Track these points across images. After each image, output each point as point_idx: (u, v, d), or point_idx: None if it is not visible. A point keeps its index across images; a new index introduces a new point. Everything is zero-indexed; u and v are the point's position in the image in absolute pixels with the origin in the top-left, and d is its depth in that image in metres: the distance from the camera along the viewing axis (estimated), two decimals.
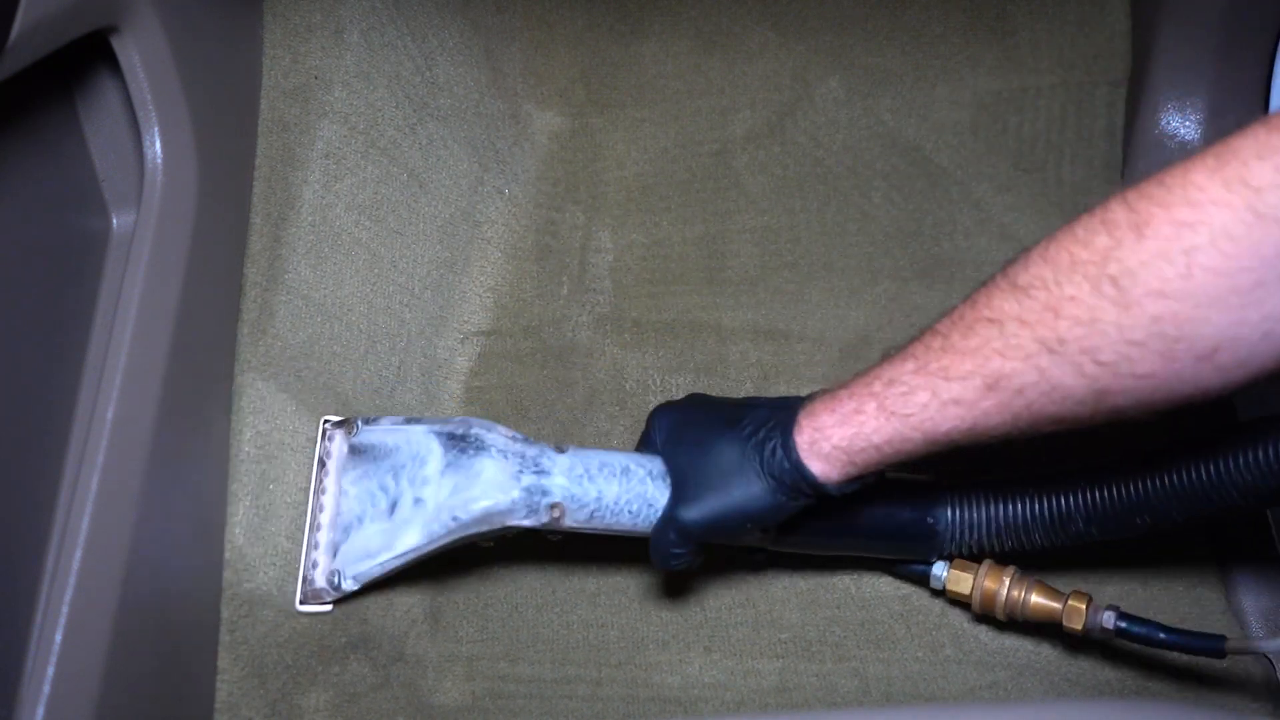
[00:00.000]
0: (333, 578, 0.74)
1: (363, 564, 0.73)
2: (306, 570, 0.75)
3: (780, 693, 0.77)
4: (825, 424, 0.60)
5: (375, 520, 0.73)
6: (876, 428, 0.58)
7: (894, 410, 0.57)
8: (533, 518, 0.67)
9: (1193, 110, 0.93)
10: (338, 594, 0.74)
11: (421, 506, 0.70)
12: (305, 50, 0.84)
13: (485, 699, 0.79)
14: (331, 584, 0.74)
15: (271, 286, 0.80)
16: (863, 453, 0.59)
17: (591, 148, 1.01)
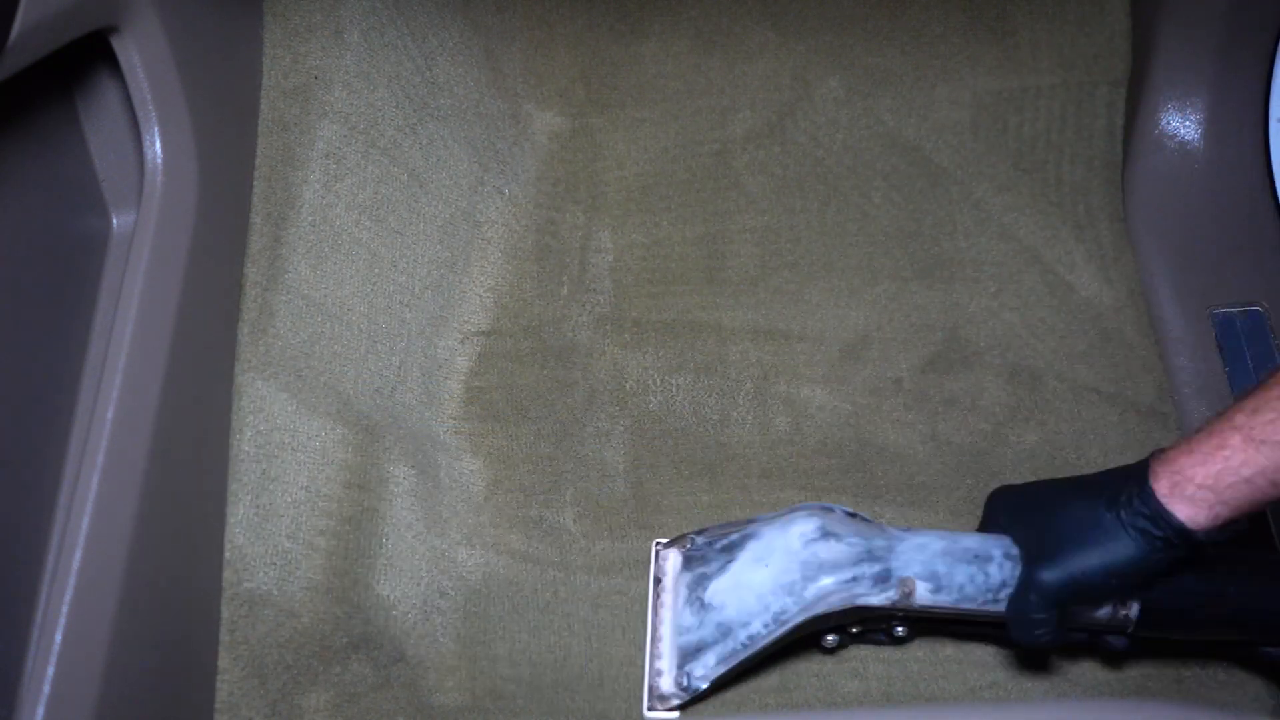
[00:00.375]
0: (680, 679, 0.74)
1: (708, 661, 0.73)
2: (651, 680, 0.75)
3: (780, 693, 0.77)
4: (1184, 465, 0.59)
5: (717, 628, 0.72)
6: (1245, 460, 0.57)
7: (1263, 438, 0.56)
8: (881, 594, 0.67)
9: (1193, 110, 0.93)
10: (688, 695, 0.74)
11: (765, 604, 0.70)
12: (305, 50, 0.84)
13: (486, 699, 0.79)
14: (680, 685, 0.74)
15: (271, 286, 0.80)
16: (1231, 489, 0.57)
17: (591, 148, 1.01)
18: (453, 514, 0.85)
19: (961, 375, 0.89)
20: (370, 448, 0.81)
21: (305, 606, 0.75)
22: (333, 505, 0.78)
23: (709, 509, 0.85)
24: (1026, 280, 0.92)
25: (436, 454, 0.86)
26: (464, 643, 0.81)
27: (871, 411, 0.88)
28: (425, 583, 0.81)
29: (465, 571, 0.83)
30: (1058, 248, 0.93)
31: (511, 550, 0.84)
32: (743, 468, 0.86)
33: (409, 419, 0.85)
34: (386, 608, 0.79)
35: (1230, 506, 0.58)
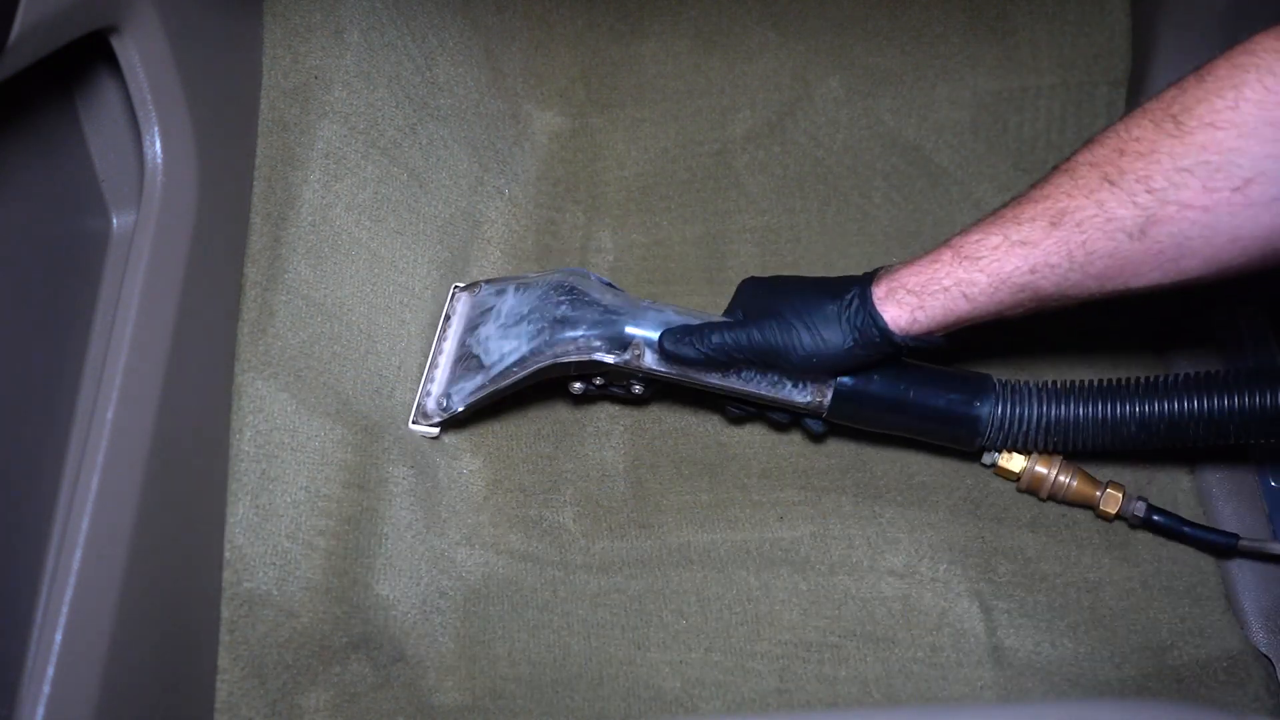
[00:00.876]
0: (441, 400, 0.83)
1: (467, 388, 0.81)
2: (420, 399, 0.84)
3: (780, 693, 0.77)
4: (901, 274, 0.67)
5: (486, 359, 0.81)
6: (948, 271, 0.65)
7: (967, 254, 0.64)
8: (613, 354, 0.76)
9: None
10: (445, 414, 0.82)
11: (516, 345, 0.79)
12: (305, 50, 0.84)
13: (485, 699, 0.79)
14: (440, 406, 0.83)
15: (271, 286, 0.80)
16: (931, 296, 0.66)
17: (591, 148, 1.01)
18: (452, 514, 0.85)
19: None
20: (370, 448, 0.81)
21: (305, 606, 0.75)
22: (332, 505, 0.78)
23: (709, 509, 0.85)
24: None
25: (436, 454, 0.86)
26: (464, 642, 0.81)
27: None
28: (425, 583, 0.81)
29: (465, 571, 0.83)
30: None
31: (511, 550, 0.84)
32: (743, 468, 0.86)
33: (408, 419, 0.85)
34: (386, 608, 0.79)
35: (928, 313, 0.66)
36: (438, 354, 0.85)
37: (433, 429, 0.84)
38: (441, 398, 0.83)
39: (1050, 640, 0.78)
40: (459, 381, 0.83)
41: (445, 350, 0.85)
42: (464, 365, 0.83)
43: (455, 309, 0.87)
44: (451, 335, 0.86)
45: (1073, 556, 0.80)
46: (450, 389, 0.83)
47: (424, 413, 0.84)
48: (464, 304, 0.87)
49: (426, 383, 0.85)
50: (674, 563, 0.82)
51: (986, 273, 0.63)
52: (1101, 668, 0.76)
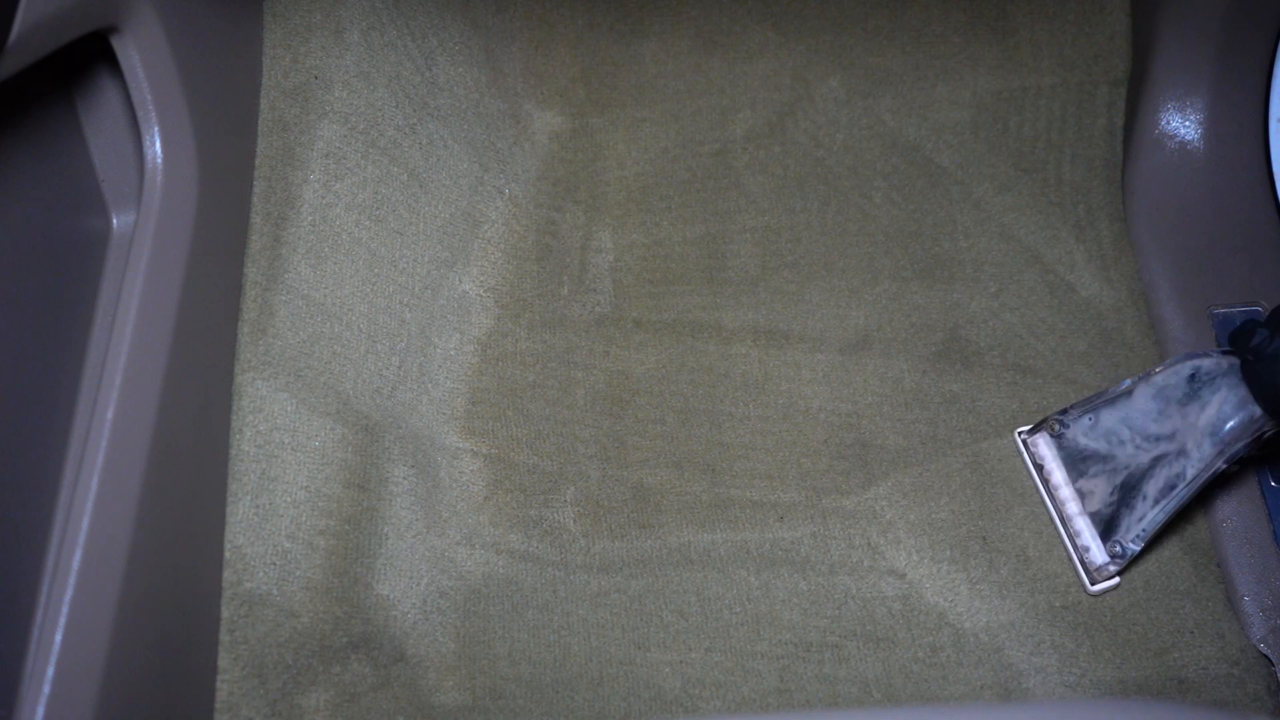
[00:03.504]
0: (1113, 548, 0.78)
1: (1138, 524, 0.77)
2: (1080, 557, 0.80)
3: (780, 693, 0.77)
4: None
5: (1132, 490, 0.77)
6: None
7: None
8: None
9: (1193, 110, 0.93)
10: (1125, 560, 0.78)
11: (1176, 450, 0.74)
12: (305, 50, 0.84)
13: (486, 699, 0.79)
14: (1114, 555, 0.78)
15: (271, 286, 0.80)
16: None
17: (591, 148, 1.01)
18: (453, 514, 0.85)
19: (961, 375, 0.89)
20: (370, 448, 0.81)
21: (305, 606, 0.75)
22: (333, 505, 0.78)
23: (709, 509, 0.85)
24: (1026, 280, 0.92)
25: (436, 454, 0.86)
26: (464, 642, 0.81)
27: (871, 411, 0.88)
28: (425, 583, 0.81)
29: (465, 571, 0.83)
30: (1058, 248, 0.93)
31: (511, 550, 0.84)
32: (743, 468, 0.86)
33: (409, 419, 0.85)
34: (386, 607, 0.79)
35: None
36: (1060, 507, 0.82)
37: (1113, 580, 0.80)
38: (1113, 545, 0.78)
39: (1050, 640, 0.78)
40: (1119, 518, 0.78)
41: (1064, 498, 0.81)
42: (1109, 507, 0.79)
43: (1043, 455, 0.83)
44: (1061, 482, 0.82)
45: None
46: (1117, 532, 0.78)
47: (1097, 569, 0.79)
48: (1046, 446, 0.83)
49: (1073, 539, 0.81)
50: (674, 563, 0.82)
51: None
52: (1101, 668, 0.76)
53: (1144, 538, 0.77)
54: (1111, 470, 0.79)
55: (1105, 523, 0.79)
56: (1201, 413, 0.73)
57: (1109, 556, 0.78)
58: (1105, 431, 0.79)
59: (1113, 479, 0.79)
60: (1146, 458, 0.77)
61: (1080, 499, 0.81)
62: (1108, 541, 0.78)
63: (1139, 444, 0.77)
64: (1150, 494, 0.76)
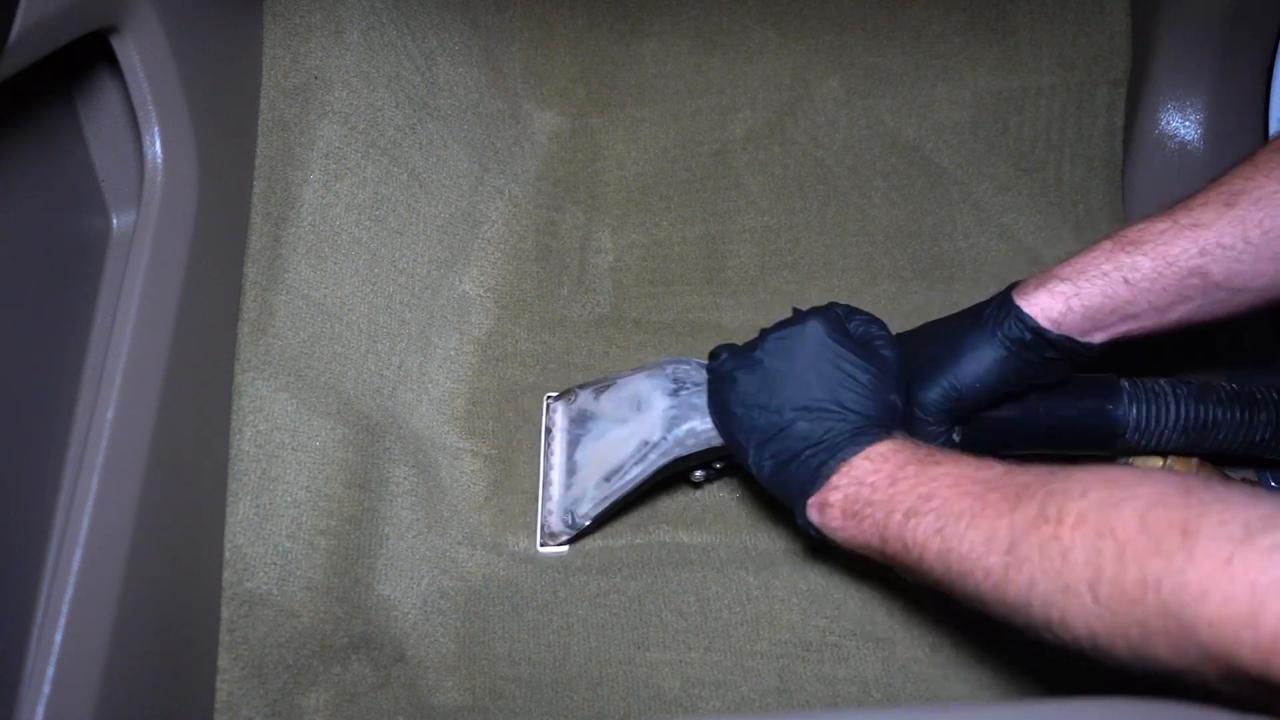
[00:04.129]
0: (566, 517, 0.81)
1: (592, 500, 0.79)
2: (543, 519, 0.83)
3: (780, 693, 0.77)
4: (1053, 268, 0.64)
5: (601, 466, 0.79)
6: (1108, 256, 0.61)
7: (1129, 240, 0.61)
8: None
9: (1193, 110, 0.93)
10: (573, 530, 0.81)
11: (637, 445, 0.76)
12: (305, 50, 0.84)
13: (485, 699, 0.79)
14: (566, 523, 0.81)
15: (271, 286, 0.80)
16: (1088, 280, 0.62)
17: (591, 148, 1.01)
18: (453, 514, 0.85)
19: None
20: (370, 448, 0.81)
21: (305, 606, 0.75)
22: (333, 505, 0.78)
23: (708, 509, 0.85)
24: None
25: (436, 454, 0.86)
26: (464, 643, 0.81)
27: None
28: (425, 583, 0.81)
29: (465, 571, 0.83)
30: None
31: (512, 550, 0.84)
32: None
33: (409, 419, 0.85)
34: (386, 608, 0.79)
35: (1084, 300, 0.62)
36: (548, 470, 0.83)
37: (563, 547, 0.83)
38: (565, 514, 0.81)
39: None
40: (580, 494, 0.80)
41: (555, 465, 0.83)
42: (579, 481, 0.81)
43: (554, 421, 0.85)
44: (557, 449, 0.83)
45: None
46: (572, 504, 0.81)
47: (550, 533, 0.82)
48: (561, 414, 0.84)
49: (544, 501, 0.83)
50: (673, 563, 0.82)
51: (1150, 255, 0.60)
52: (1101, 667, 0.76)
53: (594, 513, 0.79)
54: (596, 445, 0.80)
55: (572, 495, 0.81)
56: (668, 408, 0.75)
57: (563, 525, 0.81)
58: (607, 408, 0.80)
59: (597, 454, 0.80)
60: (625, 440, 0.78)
61: (565, 469, 0.82)
62: (565, 511, 0.81)
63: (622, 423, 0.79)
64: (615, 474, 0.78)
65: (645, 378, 0.78)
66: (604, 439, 0.79)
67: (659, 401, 0.76)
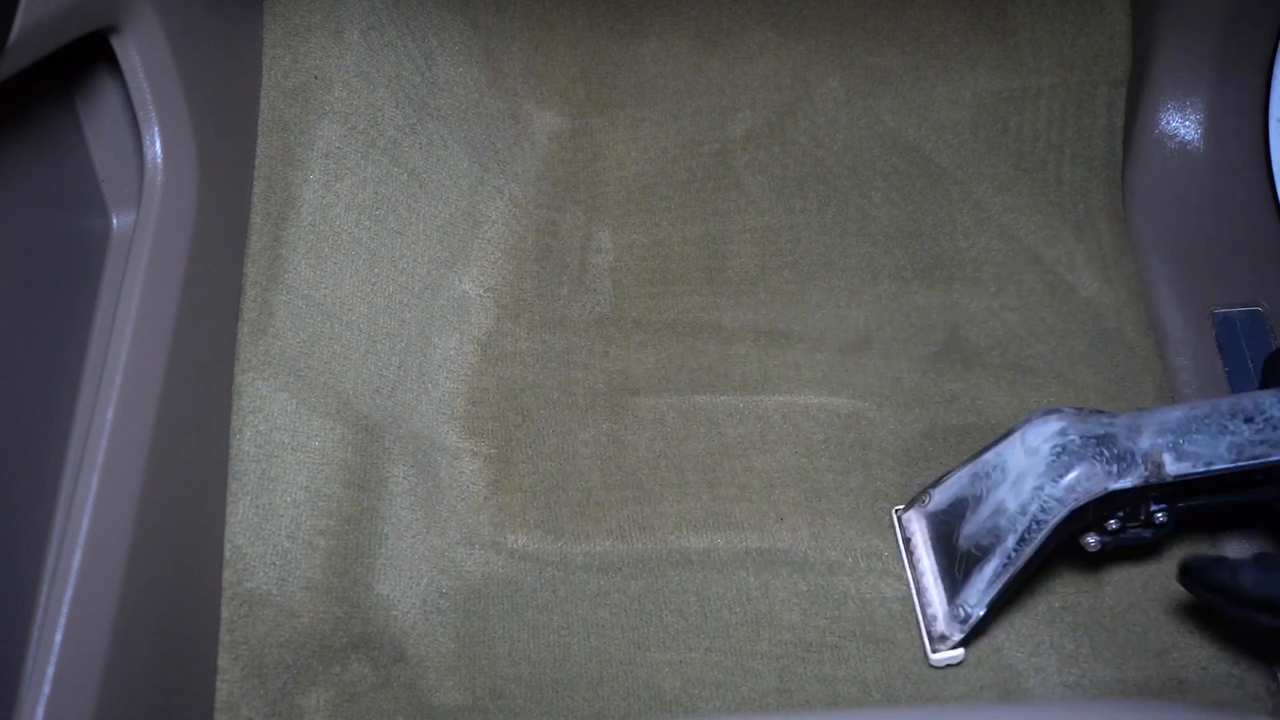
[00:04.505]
0: (957, 613, 0.75)
1: (980, 585, 0.73)
2: (927, 627, 0.77)
3: (780, 693, 0.77)
4: None
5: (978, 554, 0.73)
6: None
7: None
8: (1128, 475, 0.67)
9: (1193, 110, 0.93)
10: (967, 627, 0.74)
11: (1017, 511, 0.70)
12: (305, 50, 0.84)
13: (486, 699, 0.79)
14: (959, 619, 0.74)
15: (271, 286, 0.80)
16: None
17: (591, 148, 1.01)
18: (453, 514, 0.85)
19: (961, 375, 0.89)
20: (370, 448, 0.81)
21: (305, 606, 0.75)
22: (333, 505, 0.78)
23: (709, 509, 0.85)
24: (1026, 280, 0.92)
25: (436, 454, 0.86)
26: (464, 642, 0.81)
27: (871, 411, 0.88)
28: (425, 583, 0.81)
29: (465, 571, 0.83)
30: (1058, 248, 0.93)
31: (511, 550, 0.84)
32: (743, 468, 0.86)
33: (409, 419, 0.85)
34: (386, 608, 0.79)
35: None
36: (919, 577, 0.78)
37: (958, 651, 0.76)
38: (954, 610, 0.75)
39: (1050, 640, 0.78)
40: (964, 586, 0.74)
41: (925, 570, 0.78)
42: (958, 572, 0.75)
43: (913, 530, 0.80)
44: (925, 555, 0.78)
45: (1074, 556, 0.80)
46: (960, 599, 0.74)
47: (939, 637, 0.76)
48: (920, 522, 0.80)
49: (924, 607, 0.77)
50: (673, 563, 0.82)
51: None
52: (1101, 668, 0.76)
53: (984, 602, 0.73)
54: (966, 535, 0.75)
55: (953, 588, 0.75)
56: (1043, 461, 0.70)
57: (952, 622, 0.75)
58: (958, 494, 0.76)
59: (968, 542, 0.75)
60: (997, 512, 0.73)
61: (937, 569, 0.77)
62: (951, 606, 0.75)
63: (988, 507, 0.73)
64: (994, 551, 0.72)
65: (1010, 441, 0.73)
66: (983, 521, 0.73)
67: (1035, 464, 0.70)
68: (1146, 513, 0.71)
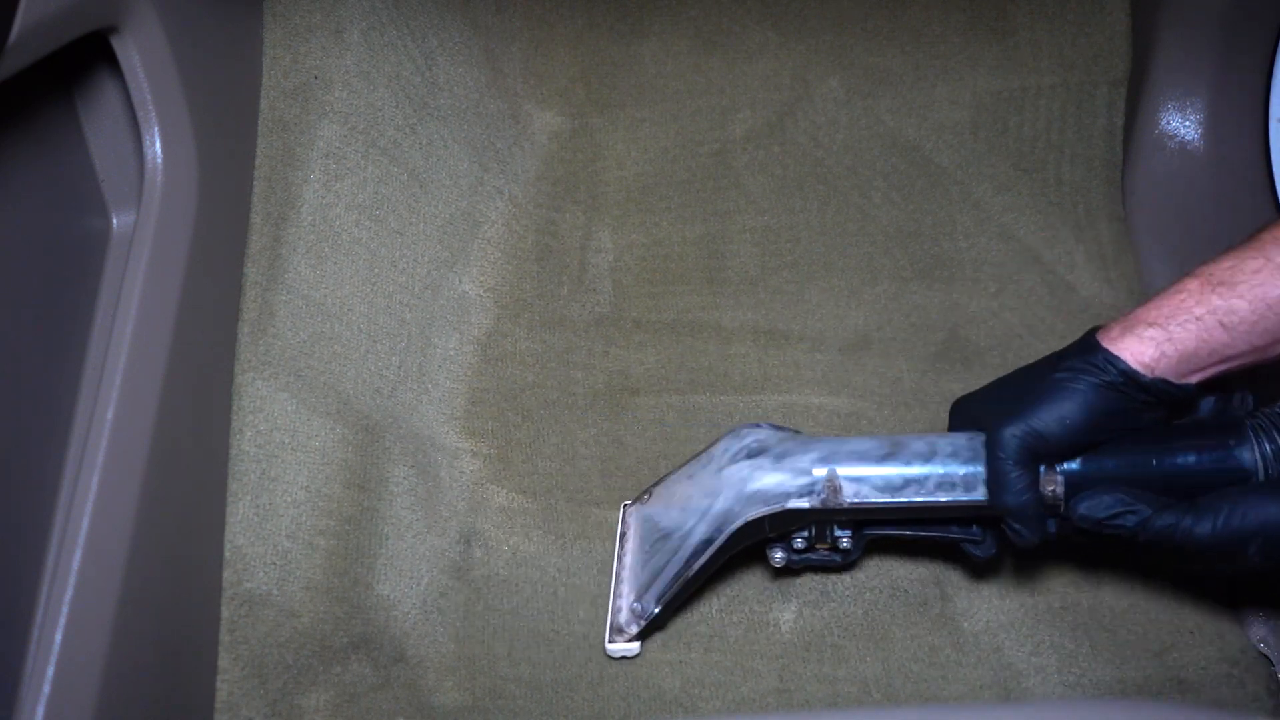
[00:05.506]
0: (635, 607, 0.76)
1: (660, 584, 0.75)
2: (612, 618, 0.78)
3: (780, 693, 0.77)
4: (1138, 312, 0.61)
5: (666, 554, 0.75)
6: (1199, 299, 0.58)
7: (1220, 280, 0.58)
8: (807, 495, 0.70)
9: (1193, 110, 0.93)
10: (644, 620, 0.76)
11: (699, 517, 0.73)
12: (305, 50, 0.84)
13: (486, 699, 0.79)
14: (635, 613, 0.76)
15: (272, 286, 0.80)
16: (1180, 326, 0.59)
17: (591, 148, 1.01)
18: (453, 514, 0.85)
19: (961, 375, 0.89)
20: (370, 448, 0.81)
21: (305, 606, 0.75)
22: (333, 505, 0.78)
23: None
24: (1026, 280, 0.92)
25: (436, 454, 0.86)
26: (464, 643, 0.81)
27: (871, 411, 0.88)
28: (425, 583, 0.81)
29: (465, 571, 0.83)
30: (1058, 248, 0.93)
31: (511, 550, 0.84)
32: None
33: (409, 419, 0.85)
34: (386, 608, 0.79)
35: (1177, 346, 0.59)
36: (620, 570, 0.79)
37: (633, 645, 0.77)
38: (634, 605, 0.77)
39: (1050, 640, 0.78)
40: (648, 586, 0.76)
41: (626, 564, 0.79)
42: (648, 570, 0.76)
43: (629, 525, 0.81)
44: (630, 550, 0.79)
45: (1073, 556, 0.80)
46: (642, 596, 0.76)
47: (618, 629, 0.77)
48: (635, 518, 0.80)
49: (615, 599, 0.78)
50: None
51: (1247, 298, 0.57)
52: (1101, 668, 0.76)
53: (661, 599, 0.75)
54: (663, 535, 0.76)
55: (641, 583, 0.76)
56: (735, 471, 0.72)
57: (631, 616, 0.76)
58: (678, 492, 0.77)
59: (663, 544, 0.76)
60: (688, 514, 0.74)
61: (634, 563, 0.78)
62: (635, 601, 0.76)
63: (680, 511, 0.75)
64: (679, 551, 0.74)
65: (708, 452, 0.75)
66: (675, 524, 0.75)
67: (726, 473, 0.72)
68: (831, 536, 0.73)
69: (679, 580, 0.74)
